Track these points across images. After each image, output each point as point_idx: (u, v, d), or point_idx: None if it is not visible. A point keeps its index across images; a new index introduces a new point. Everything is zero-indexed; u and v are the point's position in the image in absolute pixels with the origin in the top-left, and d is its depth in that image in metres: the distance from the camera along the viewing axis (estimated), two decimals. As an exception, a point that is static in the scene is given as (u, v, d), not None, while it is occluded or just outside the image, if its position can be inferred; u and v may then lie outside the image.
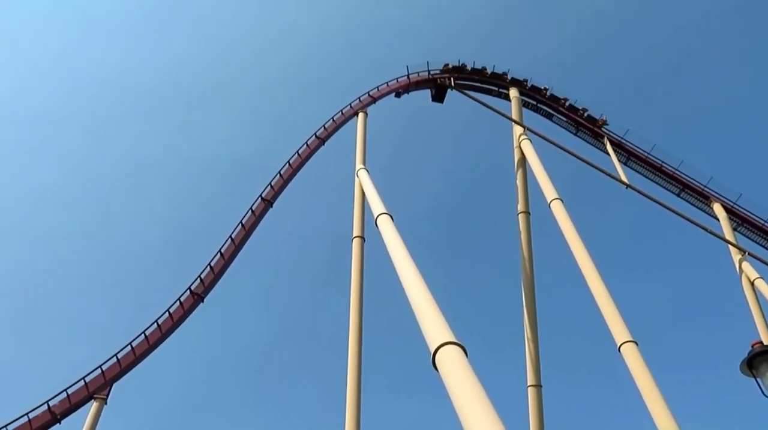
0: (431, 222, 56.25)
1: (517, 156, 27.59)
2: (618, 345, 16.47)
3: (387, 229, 15.91)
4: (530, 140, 26.78)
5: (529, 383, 22.51)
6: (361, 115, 26.91)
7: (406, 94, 30.82)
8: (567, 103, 32.47)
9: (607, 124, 32.26)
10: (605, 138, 31.24)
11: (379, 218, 16.95)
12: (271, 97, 60.55)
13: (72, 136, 53.34)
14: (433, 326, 9.91)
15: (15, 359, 45.16)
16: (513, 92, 31.11)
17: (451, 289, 47.06)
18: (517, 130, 28.29)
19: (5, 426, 17.35)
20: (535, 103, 32.48)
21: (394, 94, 29.98)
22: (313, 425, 45.14)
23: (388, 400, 44.40)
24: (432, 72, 31.02)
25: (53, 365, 43.25)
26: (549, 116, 32.66)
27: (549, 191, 22.49)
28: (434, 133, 55.36)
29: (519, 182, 26.82)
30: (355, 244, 20.98)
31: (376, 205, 17.95)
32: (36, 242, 50.22)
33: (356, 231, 21.28)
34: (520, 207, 26.18)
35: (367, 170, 22.21)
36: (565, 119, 32.43)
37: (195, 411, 48.05)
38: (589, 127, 31.83)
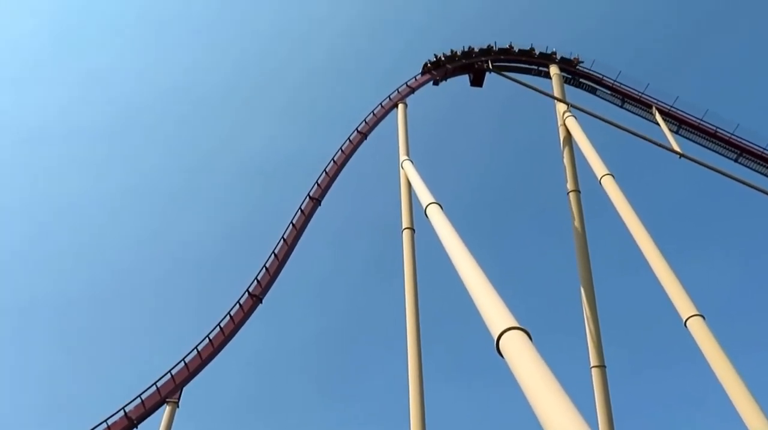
0: (480, 208, 55.77)
1: (562, 134, 27.12)
2: (684, 320, 16.10)
3: (438, 218, 15.89)
4: (575, 117, 26.29)
5: (592, 364, 22.14)
6: (400, 106, 26.90)
7: (444, 82, 30.62)
8: (604, 78, 31.58)
9: (582, 62, 31.36)
10: (653, 107, 30.23)
11: (428, 208, 16.94)
12: (310, 97, 61.10)
13: (127, 147, 55.24)
14: (495, 312, 9.87)
15: (84, 367, 47.19)
16: (553, 69, 30.51)
17: (504, 273, 46.58)
18: (561, 107, 27.79)
19: (87, 433, 18.22)
20: (577, 78, 31.72)
21: (432, 82, 29.83)
22: (379, 414, 45.63)
23: (450, 387, 44.45)
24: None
25: (122, 371, 45.03)
26: (592, 91, 31.82)
27: (598, 167, 22.04)
28: (475, 118, 54.75)
29: (566, 160, 26.35)
30: (405, 235, 21.03)
31: (424, 196, 17.94)
32: (91, 254, 52.12)
33: (405, 223, 21.34)
34: (570, 186, 25.73)
35: (412, 161, 22.20)
36: (609, 92, 31.55)
37: (262, 410, 49.28)
38: (636, 98, 30.87)
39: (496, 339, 9.29)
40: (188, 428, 23.32)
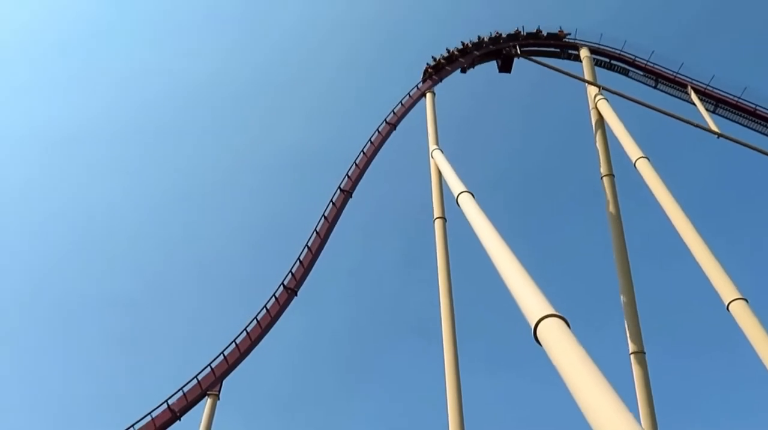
0: (512, 195, 55.30)
1: (594, 117, 26.66)
2: (726, 304, 15.74)
3: (470, 207, 15.80)
4: (607, 100, 25.82)
5: (630, 351, 21.79)
6: (429, 95, 26.82)
7: (471, 69, 30.32)
8: (636, 59, 30.80)
9: (569, 34, 30.71)
10: (689, 87, 29.46)
11: (459, 197, 16.86)
12: (337, 89, 61.20)
13: (160, 148, 56.47)
14: (531, 300, 9.79)
15: (130, 362, 48.44)
16: (584, 52, 29.99)
17: (539, 261, 46.03)
18: (592, 90, 27.32)
19: (132, 426, 18.73)
20: (608, 60, 31.08)
21: (459, 70, 29.58)
22: (417, 404, 45.81)
23: (488, 377, 44.33)
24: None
25: (165, 365, 46.10)
26: (624, 72, 31.14)
27: (633, 150, 21.63)
28: (505, 105, 54.18)
29: (599, 144, 25.89)
30: (437, 225, 21.05)
31: (456, 185, 17.86)
32: (131, 253, 53.28)
33: (437, 212, 21.35)
34: (603, 170, 25.28)
35: (441, 150, 22.12)
36: (642, 73, 30.84)
37: (299, 400, 49.89)
38: (670, 78, 30.12)
39: (533, 327, 9.22)
40: (229, 419, 23.78)
